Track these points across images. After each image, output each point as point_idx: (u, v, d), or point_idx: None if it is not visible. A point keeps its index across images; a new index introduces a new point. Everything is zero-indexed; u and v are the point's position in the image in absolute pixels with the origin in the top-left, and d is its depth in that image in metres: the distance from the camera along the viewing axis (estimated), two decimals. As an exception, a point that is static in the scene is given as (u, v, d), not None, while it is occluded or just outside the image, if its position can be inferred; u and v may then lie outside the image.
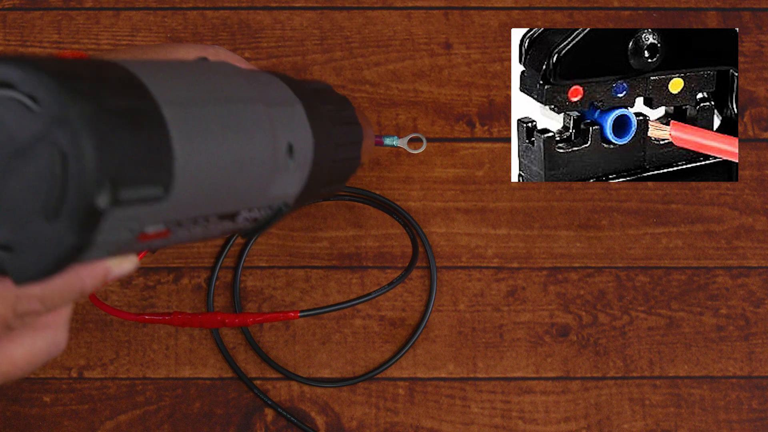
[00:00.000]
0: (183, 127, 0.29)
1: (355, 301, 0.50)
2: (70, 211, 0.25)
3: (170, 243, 0.32)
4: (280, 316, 0.51)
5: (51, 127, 0.25)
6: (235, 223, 0.35)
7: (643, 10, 0.63)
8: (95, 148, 0.24)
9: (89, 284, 0.30)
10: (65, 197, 0.25)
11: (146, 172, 0.27)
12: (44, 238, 0.25)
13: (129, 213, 0.26)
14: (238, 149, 0.32)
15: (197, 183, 0.30)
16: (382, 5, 0.63)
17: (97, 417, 0.56)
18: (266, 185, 0.35)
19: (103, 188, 0.25)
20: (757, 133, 0.61)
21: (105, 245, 0.27)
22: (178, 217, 0.30)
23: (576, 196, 0.60)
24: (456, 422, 0.57)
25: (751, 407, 0.57)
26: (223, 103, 0.33)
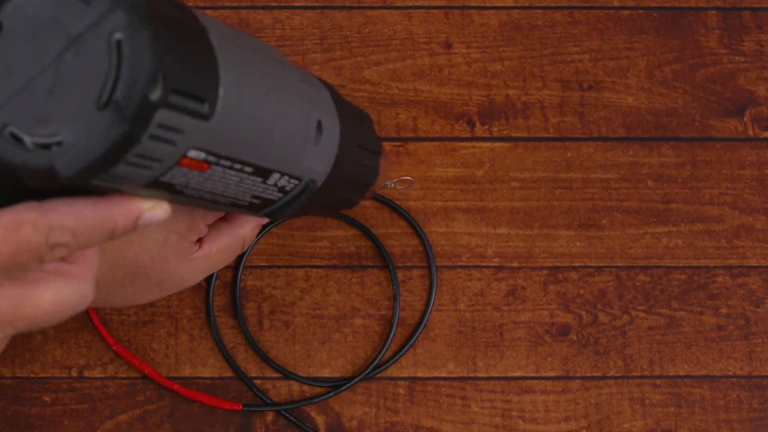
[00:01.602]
0: (229, 56, 0.29)
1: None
2: (122, 100, 0.25)
3: (206, 188, 0.32)
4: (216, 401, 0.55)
5: (107, 13, 0.25)
6: (267, 186, 0.36)
7: (643, 10, 0.63)
8: (151, 38, 0.25)
9: (120, 224, 0.30)
10: (117, 85, 0.25)
11: (195, 82, 0.27)
12: (95, 128, 0.25)
13: (176, 121, 0.27)
14: (278, 100, 0.33)
15: (239, 115, 0.30)
16: (382, 5, 0.63)
17: (97, 416, 0.56)
18: (298, 151, 0.35)
19: (156, 80, 0.25)
20: (757, 132, 0.61)
21: (149, 156, 0.27)
22: (219, 149, 0.30)
23: (576, 196, 0.60)
24: (456, 422, 0.57)
25: (751, 407, 0.57)
26: (266, 57, 0.33)
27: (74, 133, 0.26)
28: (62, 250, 0.29)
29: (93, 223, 0.29)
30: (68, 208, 0.29)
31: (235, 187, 0.34)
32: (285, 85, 0.34)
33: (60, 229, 0.28)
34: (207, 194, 0.33)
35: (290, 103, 0.34)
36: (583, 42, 0.63)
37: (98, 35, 0.25)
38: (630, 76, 0.62)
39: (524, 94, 0.62)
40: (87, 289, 0.32)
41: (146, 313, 0.58)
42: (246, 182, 0.34)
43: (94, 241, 0.30)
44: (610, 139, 0.61)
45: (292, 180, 0.37)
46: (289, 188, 0.37)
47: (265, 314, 0.58)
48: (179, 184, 0.31)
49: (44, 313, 0.30)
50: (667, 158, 0.61)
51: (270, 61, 0.34)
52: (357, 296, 0.58)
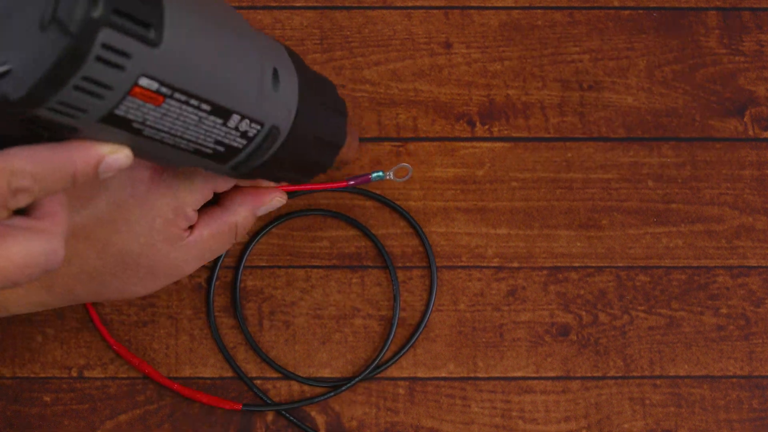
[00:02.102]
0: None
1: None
2: (64, 17, 0.25)
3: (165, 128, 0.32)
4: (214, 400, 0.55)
5: None
6: (228, 130, 0.35)
7: (643, 10, 0.63)
8: None
9: (81, 168, 0.30)
10: (59, 4, 0.25)
11: (137, 6, 0.27)
12: (40, 48, 0.25)
13: (122, 43, 0.27)
14: (229, 40, 0.33)
15: (189, 47, 0.30)
16: (382, 5, 0.63)
17: (97, 417, 0.56)
18: (255, 95, 0.35)
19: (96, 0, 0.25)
20: (757, 132, 0.61)
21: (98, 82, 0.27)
22: (171, 80, 0.30)
23: (576, 196, 0.60)
24: (456, 422, 0.57)
25: (752, 407, 0.57)
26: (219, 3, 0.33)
27: (21, 58, 0.26)
28: (25, 195, 0.29)
29: (53, 167, 0.29)
30: (27, 153, 0.29)
31: (194, 128, 0.33)
32: (236, 27, 0.34)
33: (20, 173, 0.28)
34: (167, 136, 0.33)
35: (243, 45, 0.34)
36: (583, 42, 0.63)
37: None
38: (630, 76, 0.62)
39: (524, 94, 0.62)
40: (57, 244, 0.32)
41: (146, 313, 0.58)
42: (206, 123, 0.34)
43: (57, 186, 0.30)
44: (611, 139, 0.61)
45: (254, 125, 0.37)
46: (252, 134, 0.37)
47: (266, 314, 0.58)
48: (136, 120, 0.30)
49: (15, 266, 0.30)
50: (667, 158, 0.61)
51: (221, 4, 0.34)
52: (357, 296, 0.58)
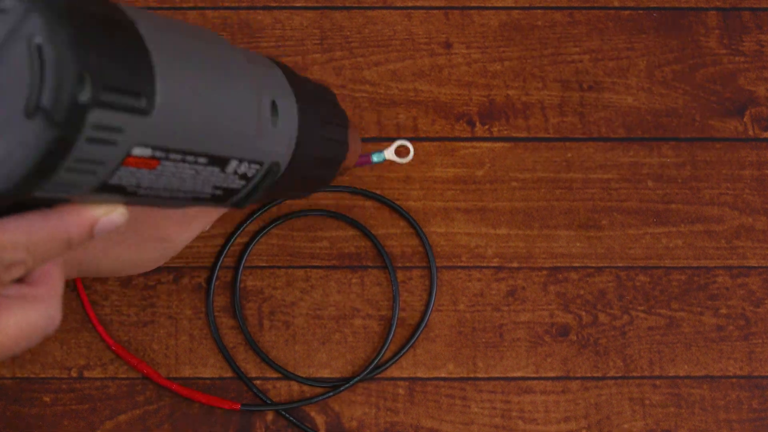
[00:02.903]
0: (161, 45, 0.28)
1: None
2: (50, 105, 0.24)
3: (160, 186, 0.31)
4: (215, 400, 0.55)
5: (23, 19, 0.24)
6: (226, 176, 0.34)
7: (643, 10, 0.63)
8: (71, 36, 0.23)
9: (75, 233, 0.29)
10: (43, 90, 0.24)
11: (127, 77, 0.26)
12: (26, 137, 0.24)
13: (112, 120, 0.25)
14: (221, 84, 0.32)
15: (181, 105, 0.29)
16: (382, 5, 0.63)
17: (97, 417, 0.56)
18: (253, 134, 0.34)
19: (83, 81, 0.24)
20: (757, 133, 0.61)
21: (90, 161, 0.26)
22: (165, 143, 0.29)
23: (576, 196, 0.60)
24: (456, 422, 0.57)
25: (751, 407, 0.57)
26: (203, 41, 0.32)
27: (5, 147, 0.24)
28: (19, 268, 0.28)
29: (47, 236, 0.28)
30: (18, 224, 0.28)
31: (192, 181, 0.32)
32: (228, 67, 0.33)
33: (13, 246, 0.27)
34: (163, 191, 0.32)
35: (237, 86, 0.33)
36: (583, 42, 0.63)
37: (18, 42, 0.24)
38: (630, 76, 0.62)
39: (524, 94, 0.62)
40: (53, 310, 0.31)
41: (146, 313, 0.58)
42: (203, 174, 0.33)
43: (51, 255, 0.29)
44: (610, 139, 0.61)
45: (253, 165, 0.35)
46: (252, 174, 0.36)
47: (265, 314, 0.58)
48: (130, 186, 0.29)
49: (10, 340, 0.29)
50: (667, 158, 0.61)
51: (209, 45, 0.32)
52: (357, 296, 0.58)
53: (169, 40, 0.29)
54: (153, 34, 0.28)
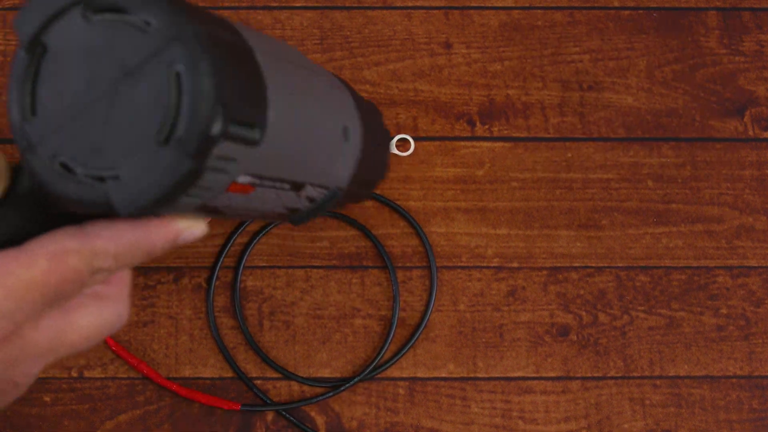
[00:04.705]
0: (274, 76, 0.28)
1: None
2: (184, 135, 0.23)
3: (244, 208, 0.31)
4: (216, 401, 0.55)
5: (166, 45, 0.23)
6: (299, 199, 0.35)
7: (644, 10, 0.63)
8: (211, 69, 0.23)
9: (159, 244, 0.30)
10: (178, 121, 0.23)
11: (250, 110, 0.26)
12: (155, 165, 0.24)
13: (232, 151, 0.26)
14: (316, 117, 0.32)
15: (284, 137, 0.29)
16: (382, 5, 0.63)
17: (97, 417, 0.56)
18: (330, 162, 0.35)
19: (217, 114, 0.24)
20: (757, 133, 0.61)
21: (205, 186, 0.26)
22: (264, 171, 0.29)
23: (576, 196, 0.60)
24: (456, 422, 0.57)
25: (751, 407, 0.57)
26: (304, 69, 0.32)
27: (132, 168, 0.24)
28: (104, 274, 0.29)
29: (133, 246, 0.29)
30: (109, 233, 0.28)
31: (272, 203, 0.33)
32: (320, 96, 0.33)
33: (103, 254, 0.28)
34: (244, 211, 0.32)
35: (325, 115, 0.33)
36: (583, 42, 0.63)
37: (157, 66, 0.24)
38: (630, 76, 0.62)
39: (524, 94, 0.62)
40: (123, 308, 0.31)
41: (146, 313, 0.58)
42: (282, 197, 0.33)
43: (134, 263, 0.30)
44: (611, 139, 0.61)
45: (321, 189, 0.36)
46: (317, 196, 0.36)
47: (266, 314, 0.58)
48: (223, 207, 0.30)
49: (84, 339, 0.30)
50: (667, 158, 0.61)
51: (305, 72, 0.32)
52: (357, 296, 0.58)
53: (279, 70, 0.29)
54: (268, 63, 0.28)
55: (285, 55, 0.31)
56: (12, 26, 0.38)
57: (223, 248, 0.58)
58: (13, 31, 0.62)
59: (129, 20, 0.24)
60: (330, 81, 0.36)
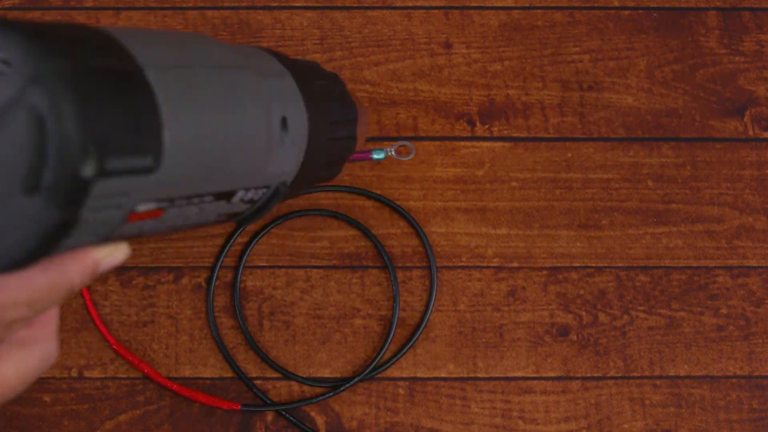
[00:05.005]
0: (170, 92, 0.26)
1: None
2: (52, 183, 0.22)
3: (164, 227, 0.29)
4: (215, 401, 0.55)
5: (25, 87, 0.22)
6: (232, 205, 0.33)
7: (644, 10, 0.63)
8: (76, 109, 0.22)
9: (78, 280, 0.28)
10: (44, 167, 0.22)
11: (134, 139, 0.24)
12: (25, 216, 0.22)
13: (117, 186, 0.24)
14: (231, 119, 0.29)
15: (189, 154, 0.27)
16: (382, 5, 0.63)
17: (97, 417, 0.56)
18: (262, 162, 0.32)
19: (87, 155, 0.22)
20: (757, 133, 0.61)
21: (93, 226, 0.24)
22: (171, 193, 0.27)
23: (576, 196, 0.60)
24: (456, 422, 0.57)
25: (752, 407, 0.57)
26: (212, 69, 0.30)
27: (3, 221, 0.22)
28: (20, 324, 0.27)
29: (47, 289, 0.27)
30: (17, 281, 0.26)
31: (196, 216, 0.31)
32: (235, 94, 0.30)
33: (14, 305, 0.26)
34: (167, 229, 0.30)
35: (245, 112, 0.31)
36: (583, 42, 0.63)
37: (19, 110, 0.22)
38: (630, 76, 0.62)
39: (524, 94, 0.62)
40: (51, 348, 0.30)
41: (146, 313, 0.58)
42: (208, 209, 0.31)
43: (53, 304, 0.28)
44: (610, 139, 0.61)
45: (260, 190, 0.34)
46: (258, 197, 0.34)
47: (266, 314, 0.58)
48: (133, 234, 0.28)
49: (10, 388, 0.28)
50: (667, 158, 0.61)
51: (213, 71, 0.30)
52: (357, 296, 0.58)
53: (179, 80, 0.27)
54: (162, 76, 0.26)
55: (188, 57, 0.29)
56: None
57: (223, 248, 0.58)
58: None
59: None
60: (258, 67, 0.33)
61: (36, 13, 0.62)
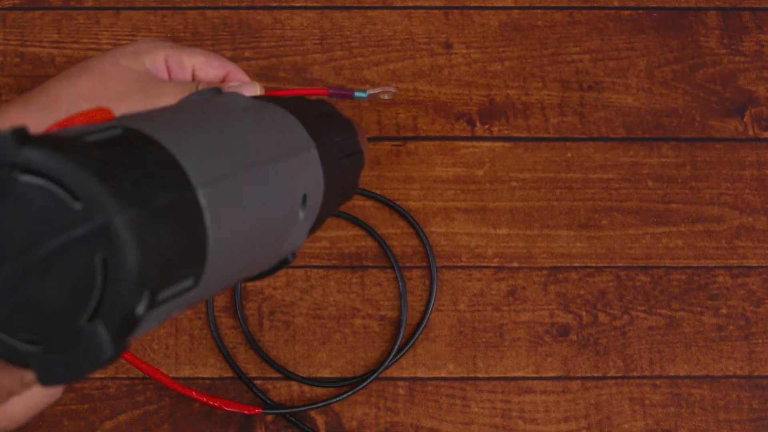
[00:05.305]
0: (216, 210, 0.28)
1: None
2: (108, 318, 0.23)
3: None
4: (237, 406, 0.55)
5: (94, 232, 0.23)
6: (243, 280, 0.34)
7: (643, 10, 0.63)
8: (139, 259, 0.23)
9: None
10: (103, 302, 0.23)
11: (182, 270, 0.26)
12: (75, 343, 0.24)
13: (161, 309, 0.26)
14: (262, 215, 0.31)
15: (224, 264, 0.28)
16: (382, 5, 0.63)
17: (97, 417, 0.56)
18: (280, 243, 0.34)
19: (142, 297, 0.24)
20: (757, 133, 0.61)
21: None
22: (201, 297, 0.29)
23: (576, 196, 0.60)
24: (456, 422, 0.57)
25: (751, 407, 0.57)
26: (249, 169, 0.31)
27: (53, 339, 0.24)
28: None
29: None
30: None
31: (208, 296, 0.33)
32: (269, 188, 0.32)
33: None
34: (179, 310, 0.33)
35: (275, 203, 0.32)
36: (583, 42, 0.63)
37: (82, 247, 0.23)
38: (630, 76, 0.62)
39: (524, 94, 0.62)
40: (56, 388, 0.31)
41: (146, 313, 0.58)
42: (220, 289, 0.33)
43: None
44: (610, 139, 0.61)
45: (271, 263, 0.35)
46: (267, 268, 0.36)
47: (266, 314, 0.58)
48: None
49: (15, 422, 0.30)
50: (667, 158, 0.61)
51: (253, 170, 0.31)
52: (357, 296, 0.58)
53: (222, 193, 0.28)
54: (209, 191, 0.27)
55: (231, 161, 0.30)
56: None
57: (223, 248, 0.58)
58: (12, 31, 0.62)
59: (51, 189, 0.23)
60: (287, 149, 0.34)
61: (36, 13, 0.62)
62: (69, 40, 0.62)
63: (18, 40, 0.62)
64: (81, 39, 0.62)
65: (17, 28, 0.62)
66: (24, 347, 0.25)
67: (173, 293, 0.26)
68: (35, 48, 0.62)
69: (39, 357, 0.24)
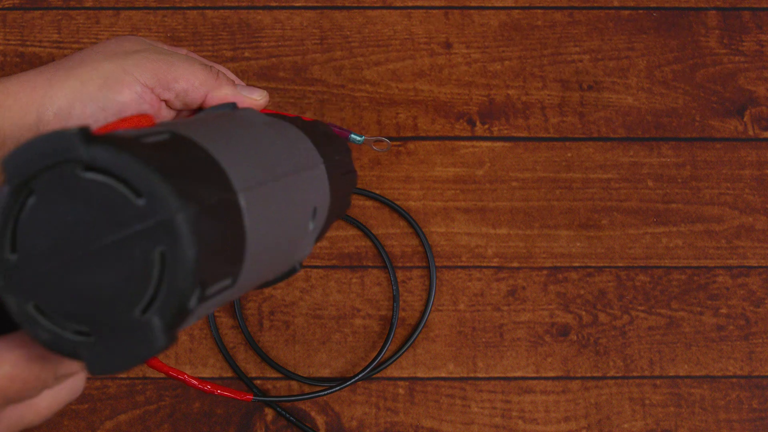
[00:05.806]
0: (254, 213, 0.29)
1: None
2: (162, 309, 0.24)
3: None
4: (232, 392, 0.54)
5: (155, 227, 0.24)
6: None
7: (643, 10, 0.63)
8: (196, 254, 0.24)
9: None
10: (158, 295, 0.24)
11: (225, 267, 0.27)
12: (129, 333, 0.25)
13: (205, 305, 0.27)
14: (283, 223, 0.33)
15: (254, 266, 0.30)
16: (382, 5, 0.63)
17: (97, 417, 0.56)
18: (293, 252, 0.35)
19: (195, 290, 0.25)
20: (757, 132, 0.61)
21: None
22: (231, 299, 0.30)
23: (576, 196, 0.60)
24: (456, 422, 0.57)
25: (751, 407, 0.57)
26: (279, 180, 0.33)
27: (105, 333, 0.25)
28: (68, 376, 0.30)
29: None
30: None
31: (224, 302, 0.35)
32: (292, 198, 0.34)
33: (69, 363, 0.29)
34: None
35: (296, 213, 0.34)
36: (583, 42, 0.63)
37: (142, 241, 0.24)
38: (630, 76, 0.62)
39: (524, 94, 0.62)
40: (80, 382, 0.32)
41: (146, 313, 0.58)
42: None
43: None
44: (610, 139, 0.61)
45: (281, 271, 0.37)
46: (275, 277, 0.37)
47: (265, 314, 0.58)
48: None
49: (41, 416, 0.31)
50: (667, 158, 0.61)
51: (281, 180, 0.33)
52: (357, 296, 0.58)
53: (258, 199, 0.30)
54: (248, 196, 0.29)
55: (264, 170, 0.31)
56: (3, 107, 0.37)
57: (223, 248, 0.58)
58: (12, 31, 0.62)
59: (115, 186, 0.24)
60: (303, 165, 0.36)
61: (36, 13, 0.62)
62: (69, 40, 0.62)
63: (18, 40, 0.62)
64: (81, 39, 0.62)
65: (17, 28, 0.62)
66: (73, 337, 0.25)
67: (216, 290, 0.27)
68: (35, 48, 0.62)
69: (89, 346, 0.25)
